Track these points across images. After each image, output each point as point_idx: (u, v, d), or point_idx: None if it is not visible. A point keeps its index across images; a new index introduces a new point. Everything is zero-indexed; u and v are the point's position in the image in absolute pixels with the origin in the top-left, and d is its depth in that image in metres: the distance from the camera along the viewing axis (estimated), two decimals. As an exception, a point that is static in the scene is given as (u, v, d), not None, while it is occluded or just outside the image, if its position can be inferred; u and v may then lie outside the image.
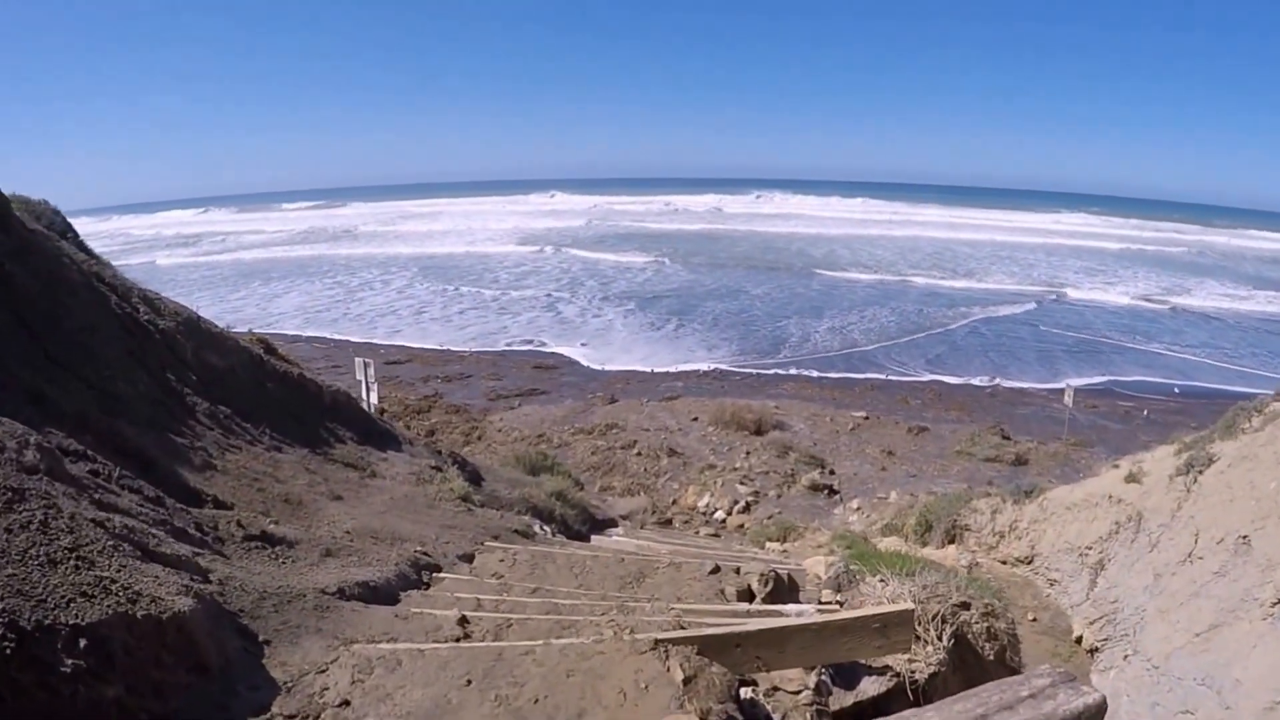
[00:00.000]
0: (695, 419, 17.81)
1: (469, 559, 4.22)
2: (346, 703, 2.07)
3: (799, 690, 2.76)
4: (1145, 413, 18.69)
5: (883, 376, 21.56)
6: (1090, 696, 1.62)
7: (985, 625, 3.49)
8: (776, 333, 25.98)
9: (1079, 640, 7.17)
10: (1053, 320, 28.40)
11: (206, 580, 2.52)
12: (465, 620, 2.63)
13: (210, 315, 6.63)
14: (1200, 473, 6.39)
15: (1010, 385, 20.91)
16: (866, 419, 18.23)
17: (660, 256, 43.01)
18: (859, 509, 12.63)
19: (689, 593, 3.49)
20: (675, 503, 14.11)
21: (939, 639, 3.20)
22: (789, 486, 14.49)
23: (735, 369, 22.13)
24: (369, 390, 11.80)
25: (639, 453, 15.95)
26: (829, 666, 3.06)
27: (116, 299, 5.33)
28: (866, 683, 3.28)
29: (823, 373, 21.75)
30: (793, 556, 8.18)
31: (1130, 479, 7.09)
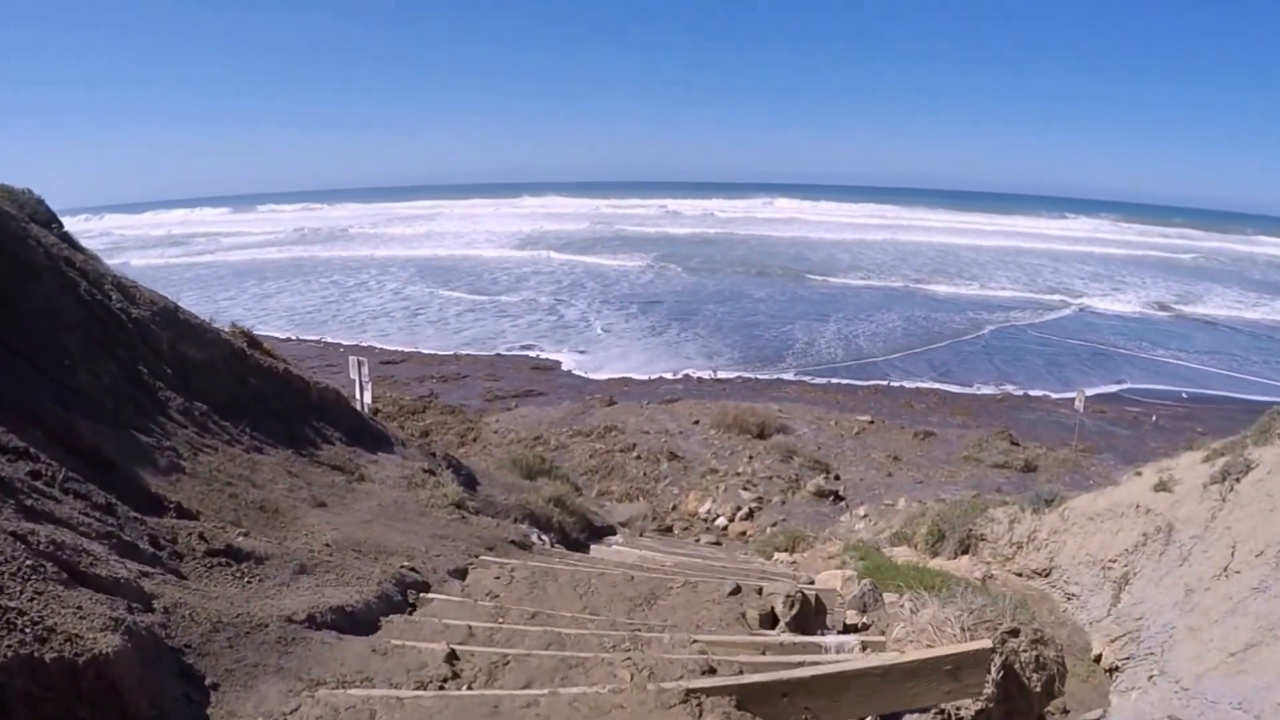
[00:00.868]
0: (696, 422, 17.44)
1: (461, 575, 3.84)
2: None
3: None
4: (1154, 418, 18.36)
5: (885, 382, 21.20)
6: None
7: (1034, 654, 3.12)
8: (779, 338, 25.61)
9: (1098, 659, 6.80)
10: (1059, 327, 28.08)
11: (149, 608, 2.15)
12: (454, 656, 2.26)
13: (201, 316, 6.26)
14: (1237, 480, 6.03)
15: (1016, 391, 20.57)
16: (871, 423, 17.88)
17: (660, 261, 42.60)
18: (866, 516, 12.26)
19: (707, 617, 3.12)
20: (675, 508, 13.74)
21: (988, 671, 2.84)
22: (793, 492, 14.12)
23: (735, 375, 21.76)
24: (362, 389, 11.43)
25: (638, 456, 15.57)
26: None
27: (87, 285, 4.96)
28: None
29: (825, 378, 21.38)
30: (803, 568, 7.81)
31: (1160, 487, 6.73)
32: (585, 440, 16.28)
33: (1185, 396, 20.06)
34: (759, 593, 3.45)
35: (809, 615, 3.38)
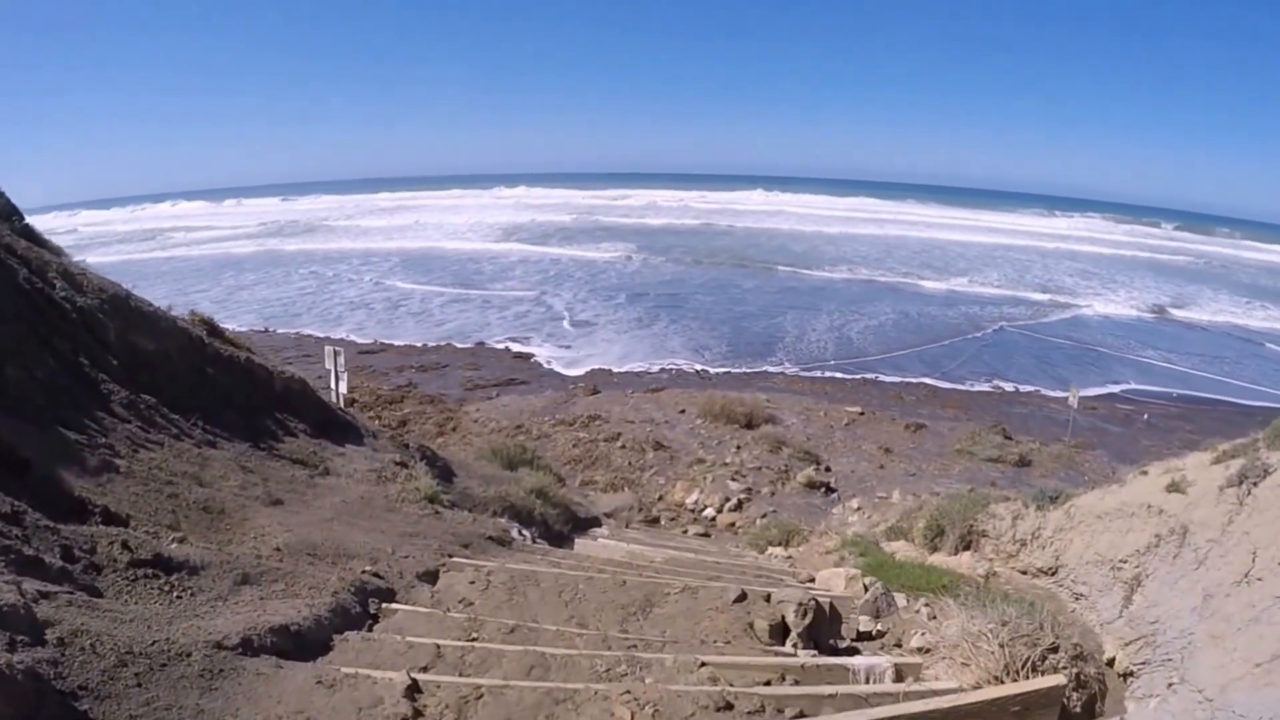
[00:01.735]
0: (682, 411, 17.09)
1: (432, 579, 3.44)
2: None
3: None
4: (1145, 416, 18.30)
5: (874, 375, 20.98)
6: None
7: (1075, 671, 2.79)
8: (766, 331, 25.32)
9: (1110, 662, 6.55)
10: (1047, 325, 28.03)
11: (39, 640, 1.73)
12: (416, 689, 1.87)
13: (169, 307, 5.77)
14: (1255, 484, 5.75)
15: (1008, 387, 20.44)
16: (862, 414, 17.64)
17: (644, 252, 42.13)
18: (859, 509, 11.99)
19: (711, 629, 2.76)
20: (662, 499, 13.41)
21: (1062, 707, 2.51)
22: (783, 483, 13.83)
23: (721, 367, 21.46)
24: (338, 379, 10.97)
25: (623, 445, 15.21)
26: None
27: (28, 273, 4.48)
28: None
29: (813, 371, 21.14)
30: (799, 563, 7.48)
31: (1172, 488, 6.45)
32: (568, 429, 15.89)
33: (1176, 396, 20.02)
34: (767, 599, 3.09)
35: (823, 625, 3.03)
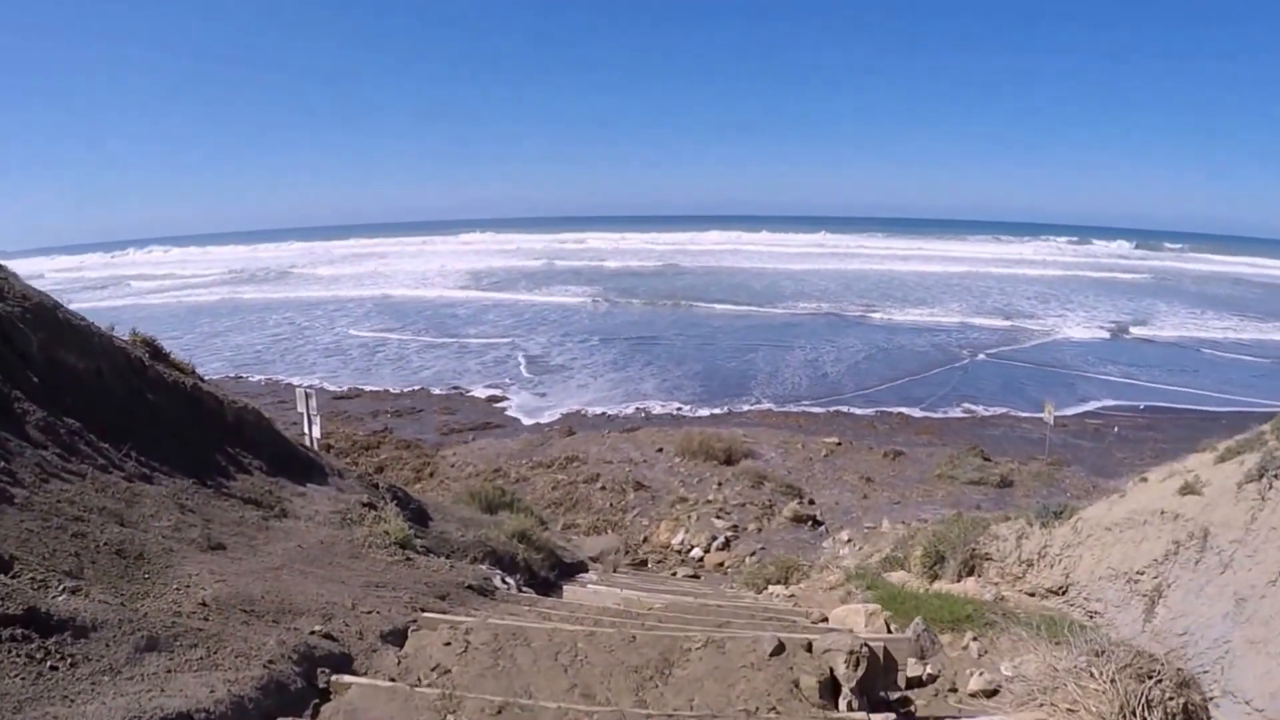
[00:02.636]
0: (660, 449, 16.60)
1: (399, 639, 2.86)
2: None
3: None
4: (1116, 430, 18.39)
5: (847, 407, 20.82)
6: None
7: (1181, 701, 2.35)
8: (738, 368, 25.14)
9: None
10: (1010, 349, 28.36)
11: None
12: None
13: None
14: (1276, 477, 5.50)
15: (980, 410, 20.43)
16: (839, 444, 17.36)
17: (614, 294, 42.01)
18: (850, 541, 11.54)
19: (750, 692, 2.26)
20: (646, 540, 12.82)
21: None
22: (768, 519, 13.35)
23: (696, 404, 21.12)
24: (311, 423, 10.35)
25: (603, 486, 14.65)
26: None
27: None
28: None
29: (784, 407, 20.91)
30: (803, 601, 6.96)
31: (1186, 490, 6.17)
32: (546, 471, 15.29)
33: (1143, 409, 20.25)
34: (808, 649, 2.60)
35: (876, 675, 2.56)
